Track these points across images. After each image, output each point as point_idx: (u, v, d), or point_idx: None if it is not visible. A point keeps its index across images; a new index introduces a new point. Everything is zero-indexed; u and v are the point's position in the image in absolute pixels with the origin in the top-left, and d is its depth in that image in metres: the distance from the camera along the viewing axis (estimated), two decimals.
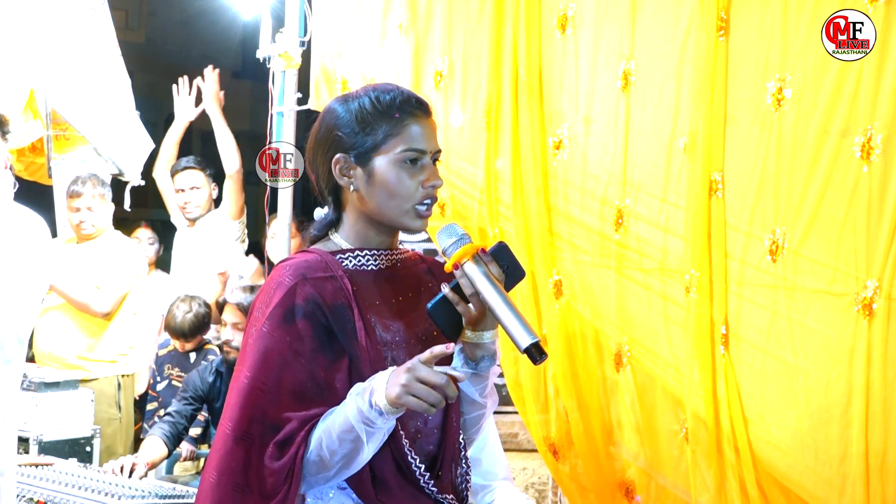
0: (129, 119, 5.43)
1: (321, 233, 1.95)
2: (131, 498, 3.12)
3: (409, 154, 1.84)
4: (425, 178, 1.85)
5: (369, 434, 1.74)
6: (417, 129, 1.86)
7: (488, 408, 1.99)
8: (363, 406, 1.73)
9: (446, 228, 1.82)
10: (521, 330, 1.74)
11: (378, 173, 1.84)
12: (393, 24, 3.78)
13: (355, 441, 1.74)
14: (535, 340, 1.72)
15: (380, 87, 1.91)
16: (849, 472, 2.70)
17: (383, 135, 1.84)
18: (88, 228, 4.83)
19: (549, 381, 3.47)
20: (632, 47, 3.16)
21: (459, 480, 1.96)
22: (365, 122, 1.85)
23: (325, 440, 1.75)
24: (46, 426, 4.16)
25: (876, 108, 2.60)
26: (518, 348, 1.74)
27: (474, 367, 1.89)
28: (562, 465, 3.49)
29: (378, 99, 1.86)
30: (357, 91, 1.92)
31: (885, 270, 2.60)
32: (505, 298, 1.76)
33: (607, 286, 3.26)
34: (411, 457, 1.84)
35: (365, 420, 1.73)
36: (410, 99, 1.88)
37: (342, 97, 1.92)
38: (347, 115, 1.87)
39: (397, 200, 1.84)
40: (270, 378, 1.79)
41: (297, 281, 1.81)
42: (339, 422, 1.75)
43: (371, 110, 1.85)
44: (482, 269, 1.78)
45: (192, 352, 4.74)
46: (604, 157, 3.25)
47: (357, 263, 1.89)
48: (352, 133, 1.86)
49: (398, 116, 1.85)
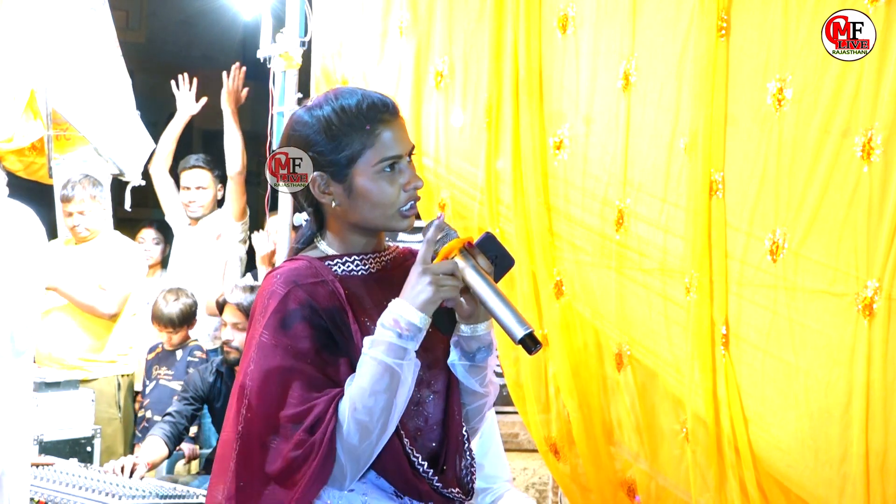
0: (129, 119, 5.43)
1: (304, 245, 1.93)
2: (132, 498, 3.12)
3: (385, 163, 1.83)
4: (405, 181, 1.84)
5: (402, 368, 1.74)
6: (389, 134, 1.83)
7: (490, 396, 1.98)
8: (392, 338, 1.74)
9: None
10: (513, 321, 1.74)
11: (358, 186, 1.83)
12: (394, 25, 3.79)
13: (391, 385, 1.73)
14: (528, 331, 1.73)
15: (341, 93, 1.87)
16: (849, 472, 2.70)
17: (357, 148, 1.82)
18: (83, 231, 4.83)
19: (550, 381, 3.47)
20: (632, 47, 3.16)
21: (464, 473, 1.95)
22: (335, 138, 1.82)
23: (359, 403, 1.73)
24: (47, 426, 4.16)
25: (877, 108, 2.60)
26: (512, 340, 1.75)
27: (472, 358, 1.89)
28: (562, 465, 3.49)
29: (343, 109, 1.83)
30: (319, 100, 1.87)
31: (886, 270, 2.60)
32: (496, 291, 1.76)
33: (608, 286, 3.26)
34: (413, 455, 1.84)
35: (399, 352, 1.74)
36: (375, 102, 1.84)
37: (306, 108, 1.88)
38: (315, 135, 1.83)
39: (381, 209, 1.84)
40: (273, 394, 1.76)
41: (290, 288, 1.80)
42: (369, 374, 1.74)
43: (338, 123, 1.82)
44: (471, 262, 1.78)
45: (178, 349, 4.71)
46: (604, 157, 3.25)
47: (346, 269, 1.88)
48: (325, 151, 1.83)
49: (368, 128, 1.82)
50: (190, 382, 4.04)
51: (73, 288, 4.70)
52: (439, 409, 1.91)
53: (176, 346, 4.71)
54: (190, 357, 4.64)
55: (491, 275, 1.80)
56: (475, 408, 1.98)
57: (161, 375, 4.67)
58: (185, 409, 3.97)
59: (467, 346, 1.88)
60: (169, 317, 4.66)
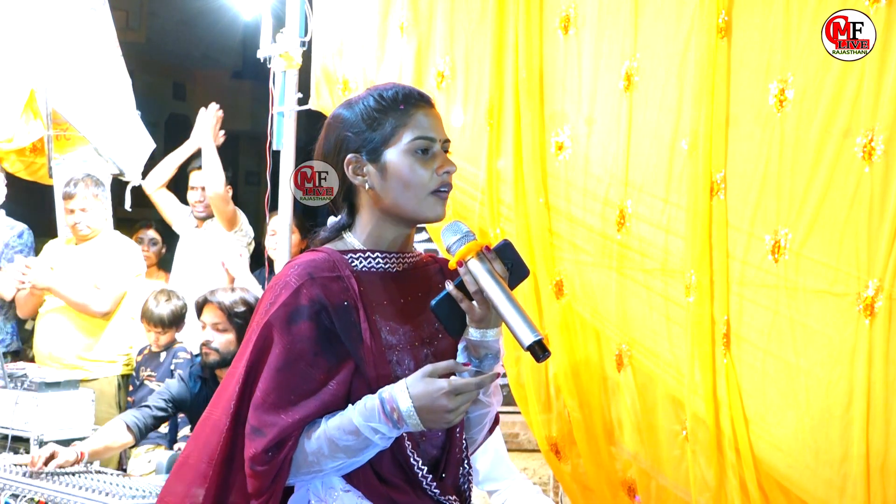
0: (129, 119, 5.42)
1: (332, 234, 1.94)
2: (132, 498, 3.12)
3: (419, 143, 1.84)
4: (438, 165, 1.86)
5: (382, 441, 1.77)
6: (424, 118, 1.87)
7: (493, 405, 1.98)
8: (382, 428, 1.74)
9: (451, 226, 1.82)
10: (524, 327, 1.74)
11: (391, 166, 1.84)
12: (394, 24, 3.78)
13: (363, 450, 1.76)
14: (538, 338, 1.73)
15: (381, 86, 1.92)
16: (849, 472, 2.70)
17: (391, 127, 1.85)
18: (84, 229, 4.83)
19: (551, 381, 3.47)
20: (634, 48, 3.16)
21: (462, 481, 1.95)
22: (371, 120, 1.86)
23: (325, 447, 1.76)
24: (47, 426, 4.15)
25: (878, 109, 2.61)
26: (521, 345, 1.74)
27: (478, 364, 1.88)
28: (564, 465, 3.49)
29: (381, 96, 1.88)
30: (359, 94, 1.93)
31: (887, 270, 2.60)
32: (508, 296, 1.76)
33: (608, 286, 3.26)
34: (413, 459, 1.85)
35: (385, 438, 1.76)
36: (413, 92, 1.90)
37: (345, 103, 1.93)
38: (353, 117, 1.88)
39: (413, 191, 1.84)
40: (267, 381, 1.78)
41: (304, 281, 1.81)
42: (347, 435, 1.76)
43: (376, 107, 1.87)
44: (486, 266, 1.78)
45: (163, 351, 4.69)
46: (606, 157, 3.25)
47: (366, 265, 1.88)
48: (360, 132, 1.86)
49: (403, 108, 1.86)
50: (172, 387, 3.87)
51: (66, 287, 4.70)
52: None
53: (162, 348, 4.69)
54: (175, 359, 4.62)
55: (506, 280, 1.80)
56: (477, 417, 1.98)
57: (145, 377, 4.66)
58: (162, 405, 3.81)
59: (475, 351, 1.87)
60: (159, 317, 4.64)
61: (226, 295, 3.77)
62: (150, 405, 3.82)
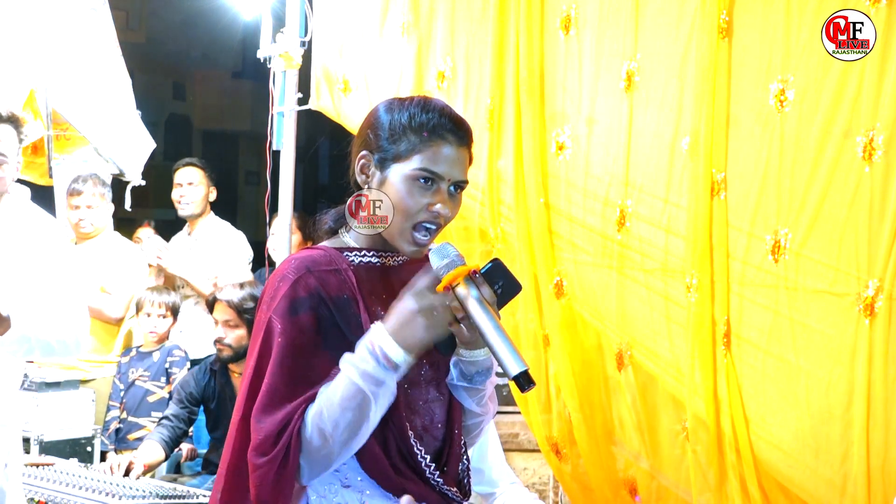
0: (129, 119, 5.43)
1: (336, 224, 1.96)
2: (132, 498, 3.12)
3: (423, 173, 1.83)
4: (434, 200, 1.83)
5: (376, 395, 1.73)
6: (442, 153, 1.84)
7: (488, 414, 2.00)
8: (368, 366, 1.72)
9: (439, 249, 1.79)
10: (510, 358, 1.72)
11: (390, 183, 1.84)
12: (395, 25, 3.79)
13: (361, 406, 1.73)
14: (523, 369, 1.71)
15: (429, 102, 1.90)
16: (850, 472, 2.70)
17: (406, 148, 1.84)
18: (87, 227, 4.84)
19: (551, 381, 3.48)
20: (635, 48, 3.16)
21: (462, 475, 1.98)
22: (395, 133, 1.86)
23: (326, 412, 1.74)
24: (47, 426, 4.16)
25: (878, 109, 2.61)
26: (507, 375, 1.72)
27: (470, 380, 1.90)
28: (564, 465, 3.49)
29: (415, 115, 1.86)
30: (410, 99, 1.91)
31: (887, 270, 2.60)
32: (496, 324, 1.74)
33: (608, 286, 3.27)
34: (417, 447, 1.86)
35: (374, 381, 1.72)
36: (447, 125, 1.86)
37: (395, 101, 1.92)
38: (385, 121, 1.88)
39: (399, 216, 1.83)
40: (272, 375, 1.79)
41: (301, 274, 1.82)
42: (341, 389, 1.74)
43: (406, 122, 1.85)
44: (474, 292, 1.76)
45: (156, 350, 4.67)
46: (606, 157, 3.25)
47: (363, 260, 1.90)
48: (381, 138, 1.87)
49: (426, 136, 1.84)
50: (184, 385, 4.00)
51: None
52: (444, 408, 1.93)
53: (154, 348, 4.68)
54: (170, 357, 4.62)
55: (493, 305, 1.78)
56: (472, 425, 2.00)
57: (138, 378, 4.65)
58: (181, 413, 3.96)
59: (466, 368, 1.89)
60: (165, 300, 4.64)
61: (234, 292, 3.87)
62: (170, 416, 3.95)
